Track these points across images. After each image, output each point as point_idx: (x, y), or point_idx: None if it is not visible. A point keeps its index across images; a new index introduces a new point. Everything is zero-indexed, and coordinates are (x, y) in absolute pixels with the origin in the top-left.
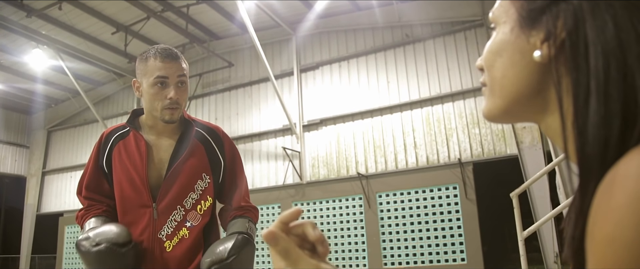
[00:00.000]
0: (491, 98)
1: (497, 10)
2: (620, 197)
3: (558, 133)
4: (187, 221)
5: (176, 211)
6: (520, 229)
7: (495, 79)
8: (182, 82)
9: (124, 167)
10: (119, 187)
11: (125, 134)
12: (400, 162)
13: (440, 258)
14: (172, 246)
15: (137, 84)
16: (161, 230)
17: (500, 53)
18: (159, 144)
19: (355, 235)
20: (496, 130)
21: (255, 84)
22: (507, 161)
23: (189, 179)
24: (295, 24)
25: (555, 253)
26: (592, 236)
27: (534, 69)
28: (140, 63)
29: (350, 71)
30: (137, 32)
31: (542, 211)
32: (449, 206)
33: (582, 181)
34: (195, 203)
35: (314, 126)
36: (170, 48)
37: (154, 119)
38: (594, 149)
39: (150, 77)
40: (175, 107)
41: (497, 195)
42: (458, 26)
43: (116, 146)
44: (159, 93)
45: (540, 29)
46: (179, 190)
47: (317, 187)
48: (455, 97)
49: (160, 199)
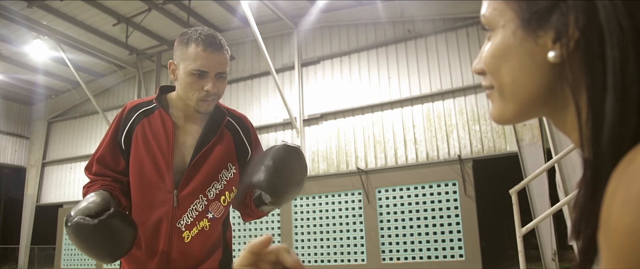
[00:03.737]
0: (502, 103)
1: (489, 13)
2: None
3: (572, 128)
4: (209, 212)
5: (198, 200)
6: (519, 226)
7: (506, 84)
8: (221, 76)
9: (148, 146)
10: (139, 167)
11: (150, 111)
12: (400, 157)
13: (439, 254)
14: (190, 236)
15: (173, 67)
16: (180, 219)
17: (506, 57)
18: (186, 127)
19: (354, 230)
20: (496, 127)
21: (256, 78)
22: (507, 158)
23: (213, 168)
24: (297, 18)
25: (553, 250)
26: (608, 228)
27: (546, 70)
28: (180, 45)
29: (351, 66)
30: (138, 24)
31: (541, 209)
32: (448, 203)
33: (595, 177)
34: (219, 193)
35: (314, 120)
36: (214, 35)
37: (185, 104)
38: (609, 147)
39: (189, 65)
40: (213, 98)
41: (496, 192)
42: (460, 22)
43: (140, 122)
44: (196, 83)
45: (548, 29)
46: (203, 178)
47: (317, 182)
48: (456, 94)
49: (183, 186)
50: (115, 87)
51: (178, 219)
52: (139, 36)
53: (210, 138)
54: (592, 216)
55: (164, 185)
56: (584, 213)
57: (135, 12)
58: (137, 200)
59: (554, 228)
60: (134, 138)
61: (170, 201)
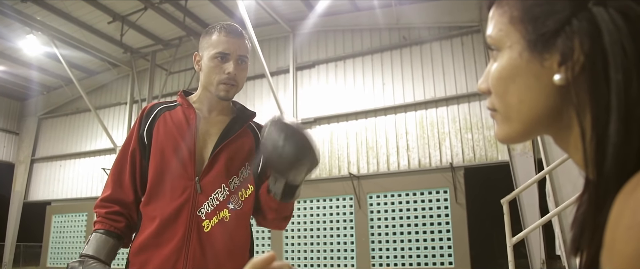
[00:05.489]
0: (508, 123)
1: (495, 34)
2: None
3: (575, 148)
4: (230, 202)
5: (220, 189)
6: (509, 235)
7: (512, 105)
8: (242, 61)
9: (169, 134)
10: (160, 156)
11: (172, 107)
12: (392, 164)
13: (428, 261)
14: (210, 226)
15: (198, 58)
16: (201, 207)
17: (513, 79)
18: (210, 118)
19: (345, 235)
20: (488, 136)
21: (251, 80)
22: (498, 167)
23: (235, 161)
24: (293, 21)
25: (542, 260)
26: (613, 251)
27: (552, 92)
28: (204, 37)
29: (346, 71)
30: (133, 23)
31: (531, 218)
32: (439, 210)
33: (598, 196)
34: (237, 188)
35: (307, 124)
36: (235, 25)
37: (208, 94)
38: (613, 167)
39: (211, 50)
40: (233, 83)
41: (486, 200)
42: (455, 31)
43: (162, 115)
44: (218, 66)
45: (554, 52)
46: (226, 168)
47: (308, 186)
48: (449, 102)
49: (205, 173)
50: (108, 86)
51: (199, 206)
52: (134, 35)
53: (236, 129)
54: (596, 233)
55: (186, 172)
56: (585, 230)
57: (131, 11)
58: (158, 188)
59: (543, 237)
60: (155, 129)
61: (191, 188)
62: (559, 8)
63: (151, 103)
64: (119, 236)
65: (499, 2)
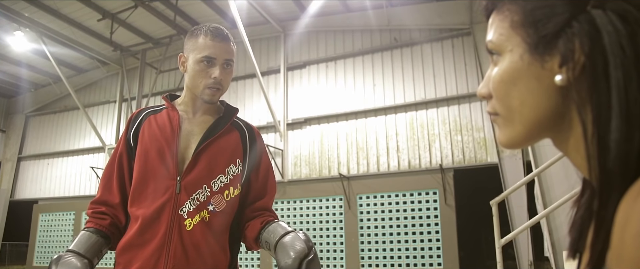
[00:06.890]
0: (510, 127)
1: (496, 38)
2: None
3: (575, 149)
4: (210, 203)
5: (201, 190)
6: (498, 236)
7: (513, 108)
8: (228, 64)
9: (153, 136)
10: (144, 157)
11: (158, 111)
12: (382, 165)
13: (417, 262)
14: (192, 224)
15: (183, 59)
16: (183, 206)
17: (515, 82)
18: (194, 119)
19: (334, 235)
20: (478, 138)
21: (241, 80)
22: (487, 169)
23: (220, 159)
24: (284, 22)
25: (530, 261)
26: (622, 257)
27: (553, 93)
28: (190, 38)
29: (336, 72)
30: (123, 21)
31: (519, 220)
32: (428, 211)
33: (602, 195)
34: (224, 187)
35: (298, 124)
36: (221, 28)
37: (193, 97)
38: (616, 165)
39: (197, 54)
40: (218, 87)
41: (475, 202)
42: (446, 33)
43: (147, 119)
44: (204, 71)
45: (555, 54)
46: (208, 168)
47: (298, 186)
48: (439, 104)
49: (187, 173)
50: (97, 83)
51: (181, 206)
52: (124, 33)
53: (219, 129)
54: (600, 233)
55: (168, 172)
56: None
57: (121, 9)
58: (142, 189)
59: (531, 239)
60: (140, 132)
61: (173, 187)
62: (559, 11)
63: (139, 109)
64: (105, 234)
65: (499, 9)
